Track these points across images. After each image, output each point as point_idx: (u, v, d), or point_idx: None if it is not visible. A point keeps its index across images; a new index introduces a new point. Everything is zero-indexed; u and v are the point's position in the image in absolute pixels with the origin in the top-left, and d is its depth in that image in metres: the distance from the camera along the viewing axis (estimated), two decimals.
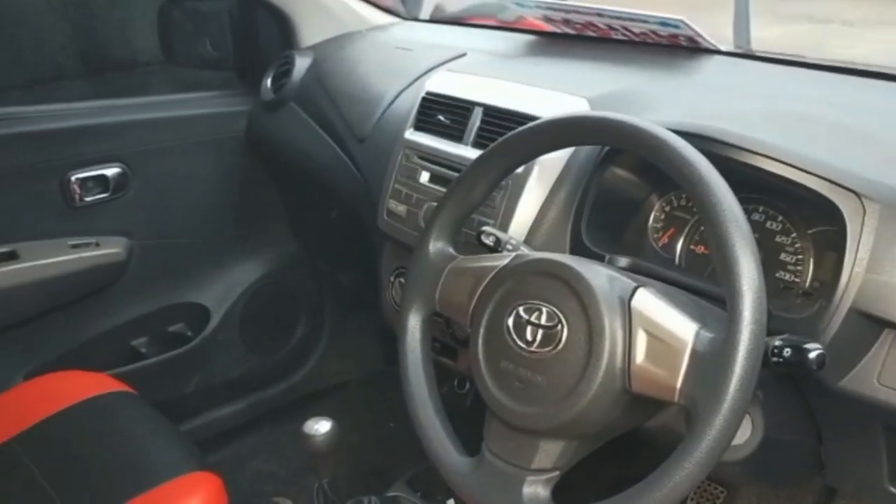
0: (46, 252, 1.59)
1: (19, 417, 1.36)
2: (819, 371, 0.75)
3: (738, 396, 0.70)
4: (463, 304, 0.93)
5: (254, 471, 1.84)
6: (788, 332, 0.78)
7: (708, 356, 0.73)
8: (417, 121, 1.30)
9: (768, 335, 0.75)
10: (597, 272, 0.83)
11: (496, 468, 0.85)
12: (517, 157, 0.96)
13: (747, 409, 0.77)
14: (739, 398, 0.70)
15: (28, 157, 1.57)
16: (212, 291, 1.87)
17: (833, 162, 0.88)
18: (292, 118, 1.67)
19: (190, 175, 1.78)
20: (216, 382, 1.89)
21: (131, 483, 1.23)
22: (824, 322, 0.85)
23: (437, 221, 0.99)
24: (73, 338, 1.69)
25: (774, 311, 0.87)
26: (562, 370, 0.81)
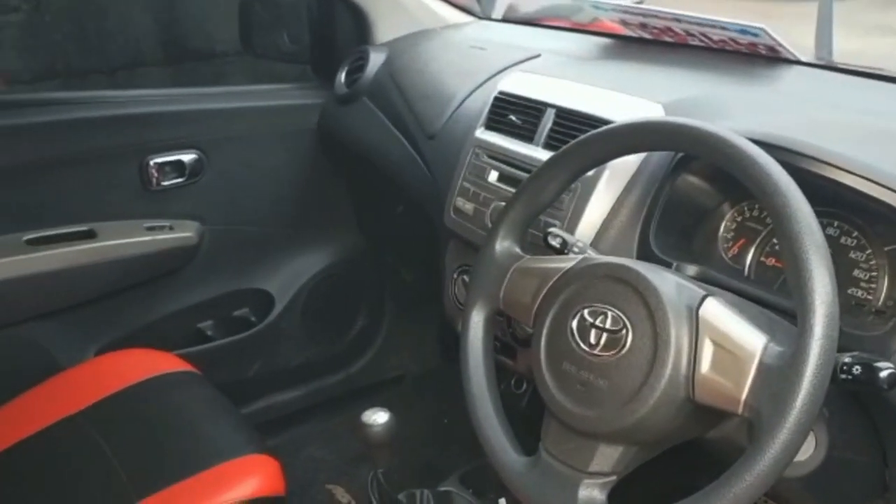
0: (123, 232, 1.65)
1: (89, 391, 1.42)
2: (889, 391, 0.73)
3: (804, 411, 0.69)
4: (526, 305, 0.93)
5: (308, 457, 1.87)
6: (859, 350, 0.77)
7: (776, 369, 0.72)
8: (489, 120, 1.31)
9: (838, 351, 0.73)
10: (665, 279, 0.83)
11: (552, 468, 0.86)
12: (590, 159, 0.96)
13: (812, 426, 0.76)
14: (806, 413, 0.69)
15: (110, 139, 1.63)
16: (277, 279, 1.91)
17: None
18: (364, 113, 1.69)
19: (262, 164, 1.82)
20: (277, 368, 1.92)
21: (192, 460, 1.27)
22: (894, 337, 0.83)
23: (504, 221, 1.00)
24: (143, 317, 1.75)
25: (845, 327, 0.85)
26: (624, 375, 0.81)
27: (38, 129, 1.56)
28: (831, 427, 0.89)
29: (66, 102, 1.64)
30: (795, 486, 0.91)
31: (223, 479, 1.24)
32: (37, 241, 1.56)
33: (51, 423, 1.36)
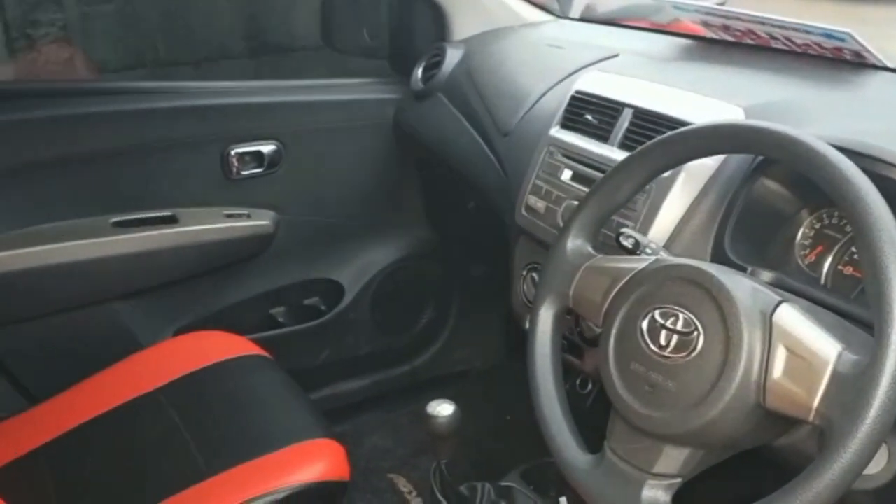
0: (203, 218, 1.71)
1: (167, 369, 1.47)
2: None
3: (878, 422, 0.68)
4: (596, 303, 0.93)
5: (371, 446, 1.91)
6: None
7: (850, 378, 0.71)
8: (564, 119, 1.31)
9: None
10: (739, 283, 0.82)
11: (617, 468, 0.86)
12: (667, 160, 0.96)
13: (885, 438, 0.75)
14: (879, 424, 0.68)
15: (194, 129, 1.69)
16: (347, 270, 1.95)
17: None
18: (439, 109, 1.71)
19: (337, 157, 1.85)
20: (344, 357, 1.96)
21: (262, 441, 1.31)
22: None
23: (577, 219, 1.00)
24: (219, 301, 1.80)
25: None
26: (694, 378, 0.80)
27: (127, 117, 1.63)
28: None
29: (153, 92, 1.70)
30: (865, 499, 0.89)
31: (290, 462, 1.27)
32: (122, 224, 1.63)
33: (131, 398, 1.42)
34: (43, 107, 1.57)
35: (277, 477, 1.24)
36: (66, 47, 2.73)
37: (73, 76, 2.57)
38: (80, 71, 2.70)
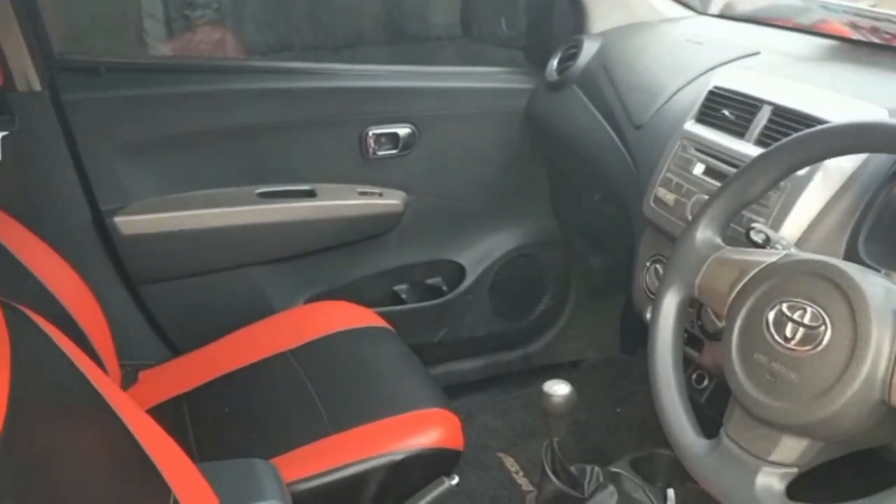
0: (339, 195, 1.80)
1: (298, 333, 1.58)
2: None
3: None
4: (722, 294, 0.95)
5: (482, 425, 1.96)
6: None
7: None
8: (700, 113, 1.32)
9: None
10: (873, 282, 0.82)
11: (733, 454, 0.87)
12: (804, 157, 0.96)
13: None
14: None
15: (336, 109, 1.78)
16: (470, 253, 2.00)
17: None
18: (573, 100, 1.73)
19: (468, 143, 1.91)
20: (461, 337, 2.02)
21: (384, 405, 1.38)
22: None
23: (709, 210, 1.02)
24: (348, 274, 1.90)
25: None
26: (818, 371, 0.81)
27: (273, 95, 1.74)
28: None
29: (297, 72, 1.80)
30: None
31: (409, 427, 1.34)
32: (266, 195, 1.74)
33: (264, 357, 1.53)
34: (197, 82, 1.69)
35: (396, 440, 1.31)
36: (219, 29, 2.92)
37: (224, 55, 2.73)
38: (230, 51, 2.88)
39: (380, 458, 1.27)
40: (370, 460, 1.27)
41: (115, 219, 1.60)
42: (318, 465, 1.26)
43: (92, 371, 0.84)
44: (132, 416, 0.85)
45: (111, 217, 1.60)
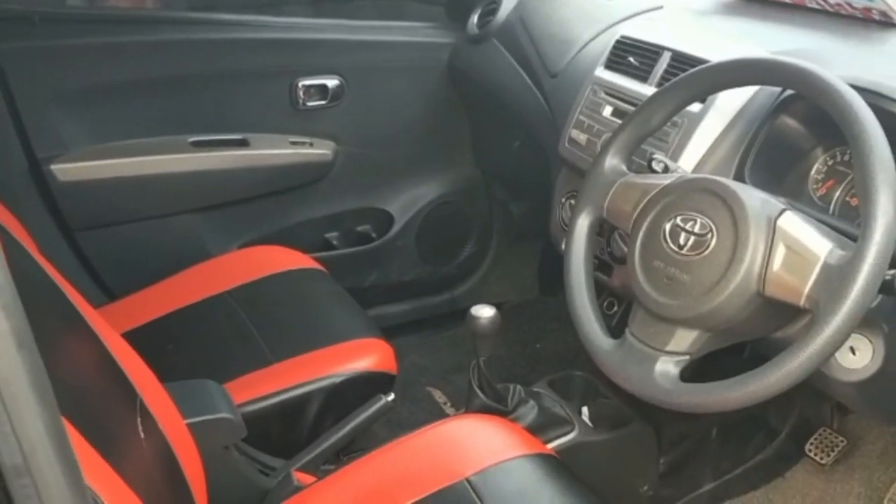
0: (271, 144, 1.87)
1: (235, 275, 1.64)
2: None
3: (856, 301, 0.81)
4: (627, 213, 1.08)
5: (411, 364, 2.07)
6: None
7: (836, 268, 0.85)
8: (609, 61, 1.44)
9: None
10: (751, 194, 0.96)
11: (635, 348, 1.01)
12: (695, 92, 1.09)
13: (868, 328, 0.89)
14: (857, 304, 0.82)
15: (267, 60, 1.84)
16: (397, 201, 2.10)
17: None
18: (493, 53, 1.84)
19: (394, 95, 1.99)
20: (390, 282, 2.12)
21: (321, 336, 1.48)
22: None
23: (615, 141, 1.14)
24: (280, 221, 1.97)
25: None
26: (705, 271, 0.95)
27: (207, 46, 1.78)
28: (889, 342, 1.00)
29: (229, 24, 1.85)
30: (850, 390, 1.03)
31: (347, 353, 1.44)
32: (199, 144, 1.79)
33: (203, 297, 1.59)
34: (131, 32, 1.72)
35: (335, 365, 1.41)
36: None
37: (155, 6, 2.71)
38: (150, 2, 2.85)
39: (320, 381, 1.37)
40: (311, 383, 1.37)
41: (52, 166, 1.63)
42: (263, 389, 1.35)
43: (68, 289, 0.91)
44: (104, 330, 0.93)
45: (48, 164, 1.63)
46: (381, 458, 1.20)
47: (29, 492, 0.37)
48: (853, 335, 1.01)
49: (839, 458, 1.53)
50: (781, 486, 1.58)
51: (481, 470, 1.14)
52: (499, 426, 1.25)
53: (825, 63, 1.16)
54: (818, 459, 1.52)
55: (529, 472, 1.16)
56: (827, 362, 1.02)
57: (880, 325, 0.99)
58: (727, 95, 1.22)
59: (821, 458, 1.52)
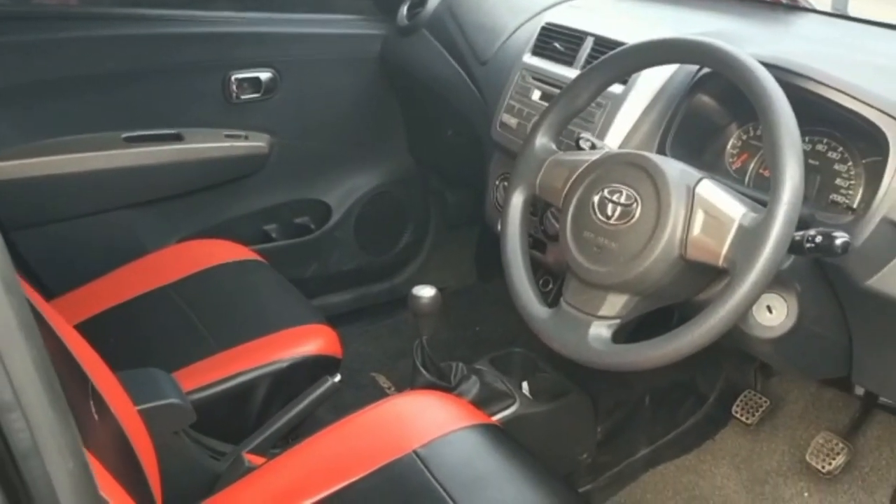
0: (205, 138, 1.87)
1: (175, 269, 1.65)
2: (842, 255, 0.93)
3: (769, 258, 0.88)
4: (558, 189, 1.13)
5: (355, 351, 2.09)
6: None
7: (750, 229, 0.92)
8: (535, 47, 1.50)
9: (809, 230, 0.93)
10: (671, 165, 1.02)
11: (570, 315, 1.06)
12: (618, 71, 1.16)
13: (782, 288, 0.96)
14: (770, 261, 0.89)
15: (198, 54, 1.84)
16: (335, 192, 2.12)
17: (886, 95, 1.04)
18: (423, 43, 1.88)
19: (327, 87, 2.01)
20: (330, 272, 2.15)
21: (265, 324, 1.50)
22: (859, 227, 1.01)
23: (544, 121, 1.20)
24: (218, 215, 1.97)
25: (823, 220, 1.05)
26: (632, 238, 1.01)
27: (136, 41, 1.78)
28: (802, 300, 1.08)
29: (159, 19, 1.85)
30: (768, 347, 1.11)
31: (291, 339, 1.47)
32: (133, 139, 1.78)
33: (143, 291, 1.59)
34: (59, 29, 1.71)
35: (280, 350, 1.43)
36: None
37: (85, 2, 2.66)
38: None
39: (266, 367, 1.40)
40: (258, 369, 1.39)
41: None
42: (210, 377, 1.36)
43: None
44: (54, 318, 0.94)
45: None
46: (329, 436, 1.23)
47: (20, 425, 0.39)
48: (769, 294, 1.09)
49: (764, 417, 1.62)
50: (712, 447, 1.66)
51: (428, 442, 1.18)
52: (443, 400, 1.30)
53: (737, 42, 1.24)
54: (744, 420, 1.61)
55: (474, 441, 1.20)
56: (746, 321, 1.10)
57: (793, 285, 1.07)
58: (647, 76, 1.29)
59: (746, 419, 1.61)
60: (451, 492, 1.11)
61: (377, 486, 1.14)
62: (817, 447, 1.50)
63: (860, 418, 1.54)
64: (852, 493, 1.51)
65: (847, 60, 1.20)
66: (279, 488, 1.16)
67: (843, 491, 1.52)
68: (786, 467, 1.58)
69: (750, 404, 1.62)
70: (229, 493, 1.16)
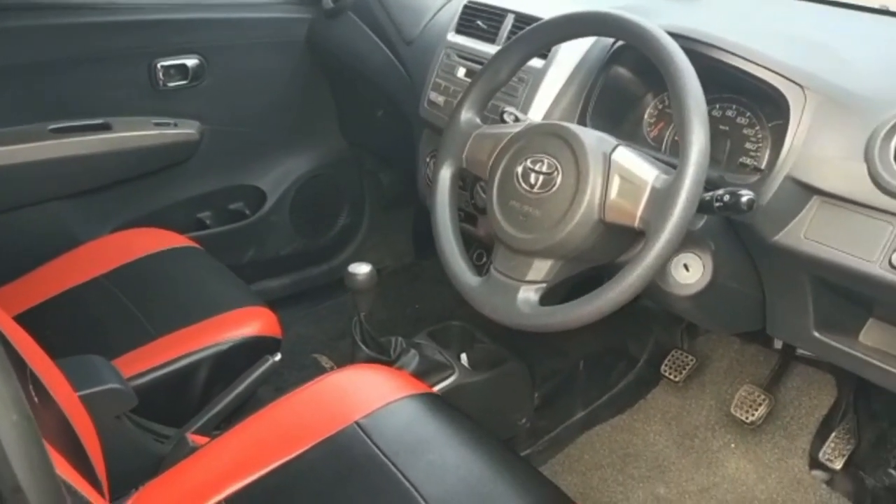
0: (134, 126, 1.85)
1: (109, 259, 1.64)
2: (748, 212, 0.99)
3: (680, 216, 0.94)
4: (483, 161, 1.17)
5: (296, 334, 2.11)
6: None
7: (662, 191, 0.98)
8: (459, 25, 1.54)
9: (718, 190, 0.99)
10: (589, 134, 1.07)
11: (499, 281, 1.11)
12: (534, 45, 1.20)
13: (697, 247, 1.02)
14: (681, 218, 0.94)
15: (122, 42, 1.82)
16: (268, 177, 2.13)
17: (788, 61, 1.11)
18: (349, 26, 1.90)
19: (255, 72, 2.02)
20: (268, 257, 2.16)
21: (203, 308, 1.51)
22: (765, 186, 1.08)
23: (468, 96, 1.23)
24: (151, 203, 1.96)
25: (732, 181, 1.12)
26: (554, 205, 1.05)
27: (57, 31, 1.75)
28: (716, 258, 1.15)
29: (80, 7, 1.82)
30: (687, 304, 1.18)
31: (230, 322, 1.48)
32: (60, 131, 1.76)
33: (79, 282, 1.58)
34: None
35: (219, 333, 1.45)
36: None
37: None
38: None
39: (206, 350, 1.41)
40: (197, 353, 1.40)
41: None
42: (150, 363, 1.37)
43: None
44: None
45: None
46: (272, 412, 1.26)
47: None
48: (686, 254, 1.15)
49: (691, 375, 1.71)
50: (644, 406, 1.74)
51: (369, 413, 1.22)
52: (383, 372, 1.33)
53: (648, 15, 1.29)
54: (672, 378, 1.69)
55: (414, 409, 1.24)
56: (665, 280, 1.16)
57: (707, 244, 1.13)
58: (567, 51, 1.34)
59: (674, 377, 1.69)
60: (392, 458, 1.14)
61: (321, 457, 1.17)
62: (741, 399, 1.58)
63: (780, 371, 1.63)
64: (775, 442, 1.60)
65: (754, 31, 1.26)
66: (224, 465, 1.18)
67: (767, 440, 1.61)
68: (713, 421, 1.66)
69: (677, 363, 1.70)
70: (174, 472, 1.18)
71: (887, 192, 0.99)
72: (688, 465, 1.61)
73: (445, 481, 1.12)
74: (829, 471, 1.52)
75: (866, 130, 1.03)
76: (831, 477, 1.53)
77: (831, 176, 1.04)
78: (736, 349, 1.73)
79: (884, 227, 0.99)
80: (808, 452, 1.56)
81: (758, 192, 1.08)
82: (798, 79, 1.09)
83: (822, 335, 1.18)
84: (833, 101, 1.07)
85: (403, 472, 1.12)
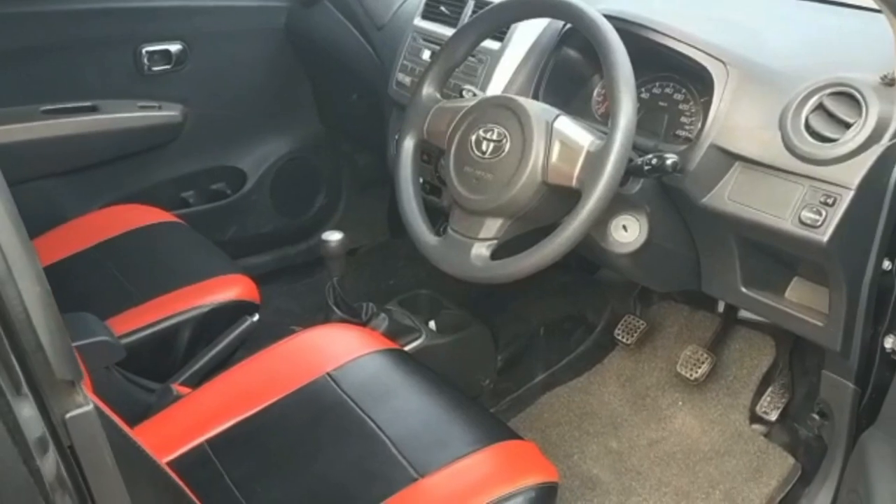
0: (120, 109, 1.96)
1: (98, 232, 1.75)
2: (673, 173, 1.11)
3: (610, 175, 1.06)
4: (443, 132, 1.29)
5: (275, 308, 2.21)
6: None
7: (595, 153, 1.10)
8: (425, 11, 1.66)
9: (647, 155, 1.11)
10: (533, 105, 1.20)
11: (455, 239, 1.23)
12: (487, 26, 1.32)
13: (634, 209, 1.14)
14: (611, 177, 1.07)
15: (109, 28, 1.92)
16: (249, 159, 2.24)
17: (712, 40, 1.23)
18: (325, 14, 2.01)
19: (236, 58, 2.12)
20: (248, 235, 2.27)
21: (186, 275, 1.61)
22: (693, 153, 1.20)
23: (429, 73, 1.35)
24: (136, 183, 2.07)
25: (665, 149, 1.24)
26: (503, 169, 1.17)
27: (49, 17, 1.85)
28: (652, 219, 1.27)
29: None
30: (626, 261, 1.30)
31: (211, 288, 1.59)
32: (51, 112, 1.87)
33: (69, 254, 1.69)
34: None
35: (201, 297, 1.56)
36: None
37: None
38: None
39: (189, 312, 1.52)
40: (181, 314, 1.52)
41: None
42: (137, 323, 1.48)
43: None
44: None
45: None
46: (249, 365, 1.37)
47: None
48: (624, 216, 1.28)
49: (643, 339, 1.83)
50: (600, 370, 1.86)
51: (340, 365, 1.33)
52: (354, 330, 1.45)
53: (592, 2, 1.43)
54: (624, 340, 1.81)
55: (382, 363, 1.36)
56: (606, 239, 1.29)
57: (643, 206, 1.26)
58: (521, 33, 1.46)
59: (626, 340, 1.81)
60: (360, 404, 1.26)
61: (294, 403, 1.28)
62: (685, 359, 1.71)
63: (722, 332, 1.75)
64: (719, 399, 1.73)
65: (686, 14, 1.39)
66: (206, 411, 1.29)
67: (711, 398, 1.73)
68: (663, 381, 1.79)
69: (630, 327, 1.83)
70: (160, 417, 1.29)
71: (798, 156, 1.11)
72: (639, 422, 1.74)
73: (408, 423, 1.23)
74: (767, 424, 1.65)
75: (781, 103, 1.15)
76: (769, 430, 1.65)
77: (750, 143, 1.17)
78: (685, 315, 1.86)
79: (794, 188, 1.12)
80: (749, 408, 1.69)
81: (687, 158, 1.20)
82: (721, 56, 1.22)
83: (750, 291, 1.30)
84: (752, 77, 1.19)
85: (370, 416, 1.23)
